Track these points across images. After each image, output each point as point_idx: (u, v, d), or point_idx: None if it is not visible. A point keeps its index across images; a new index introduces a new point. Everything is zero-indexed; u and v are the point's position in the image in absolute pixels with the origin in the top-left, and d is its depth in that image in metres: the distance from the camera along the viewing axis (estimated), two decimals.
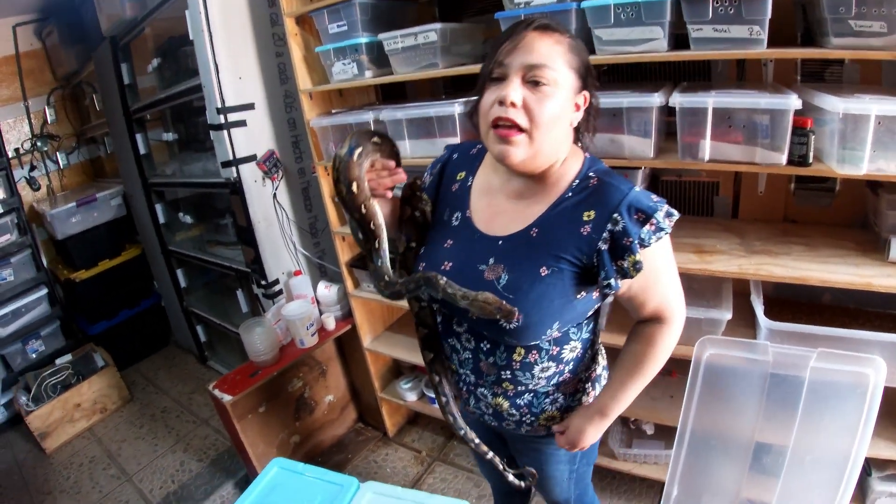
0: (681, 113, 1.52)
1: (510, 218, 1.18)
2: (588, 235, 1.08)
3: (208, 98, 2.38)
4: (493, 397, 1.28)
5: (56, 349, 3.79)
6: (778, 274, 1.56)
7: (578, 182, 1.14)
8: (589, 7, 1.56)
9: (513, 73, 1.04)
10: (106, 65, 3.36)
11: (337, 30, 2.07)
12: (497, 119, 1.05)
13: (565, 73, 1.06)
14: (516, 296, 1.10)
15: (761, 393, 1.59)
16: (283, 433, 2.67)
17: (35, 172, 4.22)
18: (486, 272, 1.15)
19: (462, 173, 1.32)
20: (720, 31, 1.44)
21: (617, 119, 1.63)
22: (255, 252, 2.56)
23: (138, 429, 3.40)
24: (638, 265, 1.06)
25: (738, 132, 1.49)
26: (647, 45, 1.54)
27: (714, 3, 1.41)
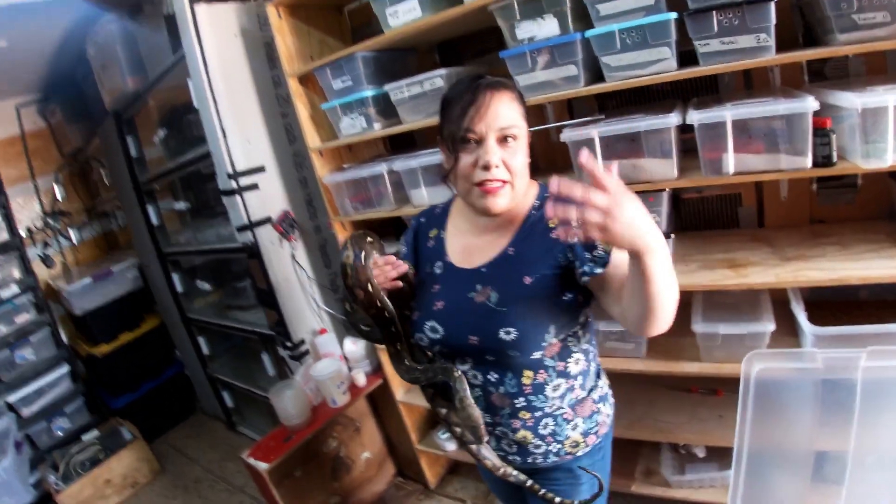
0: (700, 129, 1.51)
1: (485, 250, 1.27)
2: (557, 238, 1.16)
3: (218, 164, 2.37)
4: (514, 433, 1.30)
5: (81, 425, 3.74)
6: (817, 278, 1.54)
7: (539, 202, 1.26)
8: (594, 36, 1.56)
9: (488, 139, 1.14)
10: (112, 139, 3.39)
11: (341, 85, 2.07)
12: (484, 181, 1.16)
13: (522, 124, 1.19)
14: (509, 308, 1.18)
15: (815, 400, 1.55)
16: (321, 496, 2.60)
17: (48, 250, 4.24)
18: (476, 297, 1.23)
19: (434, 230, 1.41)
20: (727, 43, 1.44)
21: (636, 144, 1.62)
22: (278, 314, 2.52)
23: (172, 501, 3.33)
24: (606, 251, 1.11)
25: (759, 142, 1.49)
26: (657, 67, 1.54)
27: (718, 16, 1.41)
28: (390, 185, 2.10)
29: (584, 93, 1.66)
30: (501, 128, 1.14)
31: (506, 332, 1.17)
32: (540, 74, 1.68)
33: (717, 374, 1.77)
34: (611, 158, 1.65)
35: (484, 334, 1.20)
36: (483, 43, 2.24)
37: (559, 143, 1.75)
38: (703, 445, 2.10)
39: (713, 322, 1.75)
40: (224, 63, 2.29)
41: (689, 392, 2.14)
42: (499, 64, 2.11)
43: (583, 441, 1.33)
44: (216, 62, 2.26)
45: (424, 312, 1.31)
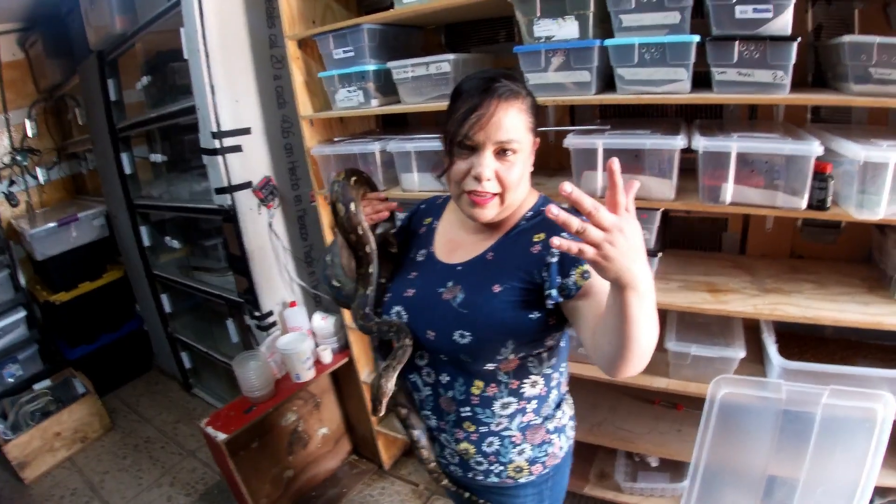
0: (704, 156, 1.51)
1: (469, 248, 1.25)
2: (538, 253, 1.14)
3: (202, 121, 2.28)
4: (457, 443, 1.28)
5: (34, 374, 3.61)
6: (792, 314, 1.58)
7: (532, 213, 1.23)
8: (612, 45, 1.54)
9: (484, 149, 1.09)
10: (92, 79, 3.25)
11: (342, 55, 2.00)
12: (473, 192, 1.12)
13: (526, 138, 1.13)
14: (470, 310, 1.16)
15: (774, 428, 1.62)
16: (275, 468, 2.57)
17: (14, 188, 4.08)
18: (444, 293, 1.21)
19: (429, 219, 1.40)
20: (744, 74, 1.44)
21: (638, 160, 1.61)
22: (249, 282, 2.46)
23: (121, 460, 3.25)
24: (585, 275, 1.08)
25: (759, 176, 1.50)
26: (671, 87, 1.53)
27: (740, 46, 1.41)
28: (381, 166, 2.04)
29: (595, 101, 1.65)
30: (500, 141, 1.09)
31: (461, 334, 1.15)
32: (552, 76, 1.65)
33: (682, 392, 1.81)
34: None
35: (440, 332, 1.19)
36: (492, 31, 2.20)
37: (557, 145, 1.73)
38: (657, 456, 2.14)
39: (686, 342, 1.78)
40: (221, 15, 2.18)
41: (652, 404, 2.19)
42: (506, 55, 2.09)
43: (527, 468, 1.31)
44: (213, 13, 2.15)
45: (395, 296, 1.29)
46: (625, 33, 1.54)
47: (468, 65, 1.91)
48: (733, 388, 1.63)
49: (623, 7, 1.51)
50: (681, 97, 1.52)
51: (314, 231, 2.64)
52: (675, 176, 1.59)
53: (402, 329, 1.22)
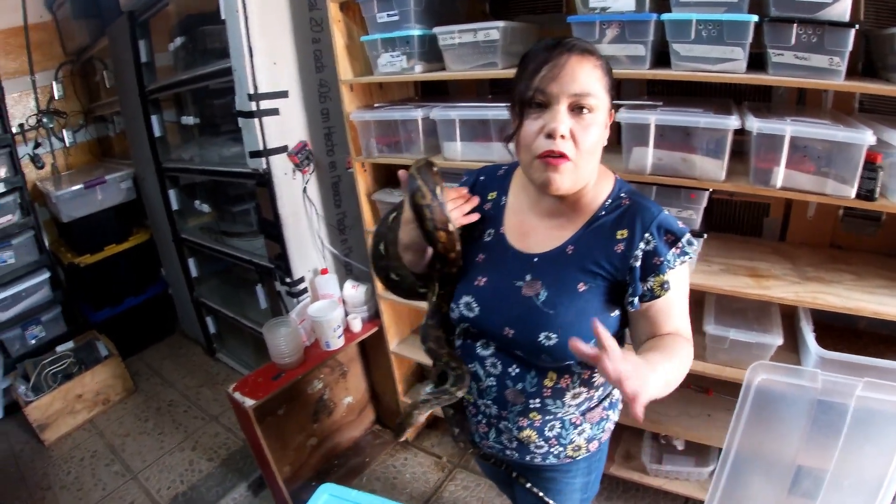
0: (757, 138, 1.48)
1: (544, 236, 1.18)
2: (622, 253, 1.09)
3: (239, 83, 2.24)
4: (520, 430, 1.24)
5: (57, 336, 3.66)
6: (833, 303, 1.57)
7: (611, 202, 1.15)
8: (669, 20, 1.51)
9: (558, 103, 1.02)
10: (122, 41, 3.22)
11: (387, 19, 1.96)
12: (546, 152, 1.04)
13: (603, 97, 1.05)
14: (556, 311, 1.11)
15: (807, 418, 1.59)
16: (300, 435, 2.58)
17: (39, 150, 4.08)
18: (524, 288, 1.15)
19: (493, 193, 1.29)
20: (801, 58, 1.42)
21: (690, 138, 1.58)
22: (281, 248, 2.44)
23: (143, 423, 3.28)
24: (665, 285, 1.07)
25: (810, 162, 1.48)
26: (726, 66, 1.50)
27: (798, 29, 1.38)
28: (423, 133, 2.01)
29: (649, 76, 1.61)
30: (576, 94, 1.00)
31: (547, 336, 1.10)
32: (605, 48, 1.61)
33: (717, 376, 1.80)
34: (662, 147, 1.61)
35: (522, 331, 1.13)
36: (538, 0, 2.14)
37: None
38: (683, 439, 2.13)
39: (724, 326, 1.77)
40: None
41: (685, 387, 2.14)
42: (552, 26, 2.05)
43: (585, 446, 1.30)
44: None
45: (463, 284, 1.22)
46: (682, 9, 1.51)
47: (516, 33, 1.87)
48: (770, 374, 1.60)
49: None
50: (736, 76, 1.49)
51: (348, 198, 2.62)
52: (727, 156, 1.56)
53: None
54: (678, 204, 1.71)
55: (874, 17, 1.68)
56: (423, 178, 1.12)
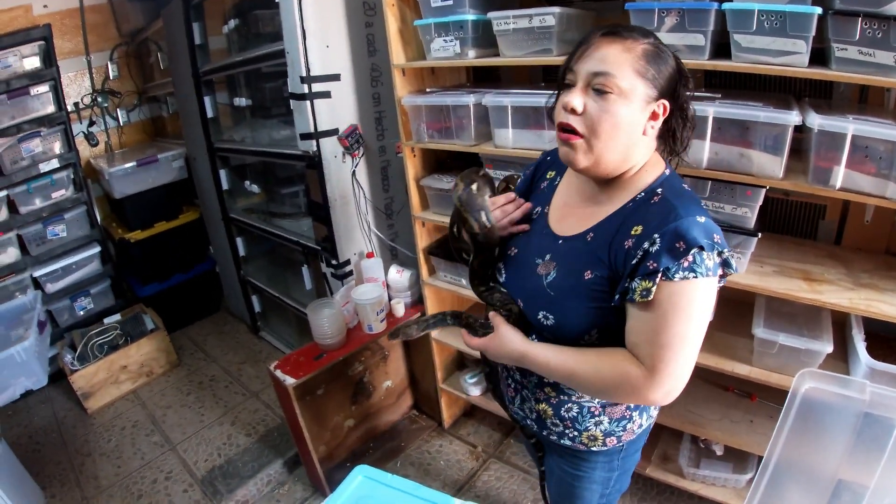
0: (818, 135, 1.42)
1: (577, 219, 1.20)
2: (628, 249, 1.05)
3: (292, 65, 2.27)
4: (537, 402, 1.29)
5: (105, 308, 3.78)
6: (887, 312, 1.50)
7: (644, 195, 1.11)
8: (730, 10, 1.46)
9: (579, 80, 1.05)
10: (176, 23, 3.28)
11: (441, 3, 1.95)
12: (560, 124, 1.08)
13: (632, 80, 1.02)
14: (557, 293, 1.14)
15: (852, 430, 1.54)
16: (338, 416, 2.61)
17: (94, 128, 4.19)
18: (539, 267, 1.19)
19: (552, 172, 1.36)
20: (865, 54, 1.35)
21: (748, 132, 1.53)
22: (329, 230, 2.47)
23: (185, 396, 3.36)
24: (645, 293, 1.00)
25: (871, 163, 1.41)
26: (788, 59, 1.44)
27: (863, 23, 1.32)
28: (474, 119, 2.00)
29: (709, 66, 1.56)
30: (595, 72, 1.01)
31: (545, 315, 1.16)
32: (664, 36, 1.54)
33: (764, 381, 1.74)
34: (719, 141, 1.57)
35: (527, 307, 1.20)
36: None
37: None
38: (723, 444, 2.08)
39: (774, 330, 1.72)
40: None
41: (726, 390, 2.13)
42: (610, 13, 2.02)
43: (601, 438, 1.28)
44: None
45: (502, 250, 1.33)
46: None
47: (572, 19, 1.85)
48: (818, 382, 1.54)
49: None
50: (798, 70, 1.44)
51: (396, 183, 2.64)
52: (786, 154, 1.50)
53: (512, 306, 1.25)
54: (734, 200, 1.67)
55: None
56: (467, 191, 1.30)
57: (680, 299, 1.00)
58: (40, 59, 3.34)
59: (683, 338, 1.02)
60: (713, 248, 1.00)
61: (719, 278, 1.04)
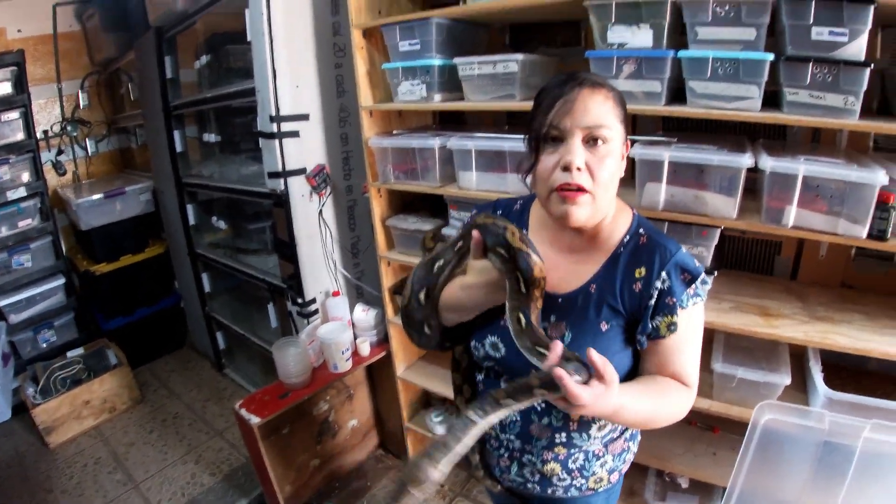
0: (770, 176, 1.48)
1: (566, 273, 1.16)
2: (639, 292, 1.09)
3: (262, 104, 2.28)
4: (544, 464, 1.23)
5: (68, 341, 3.70)
6: (842, 344, 1.54)
7: (629, 238, 1.14)
8: (686, 57, 1.51)
9: (572, 136, 1.03)
10: (148, 56, 3.28)
11: (408, 48, 1.99)
12: (563, 185, 1.03)
13: (617, 128, 1.06)
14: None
15: (813, 459, 1.57)
16: (303, 455, 2.57)
17: (62, 157, 4.16)
18: (549, 329, 1.14)
19: None
20: (816, 97, 1.41)
21: (703, 175, 1.58)
22: (295, 268, 2.46)
23: (148, 433, 3.28)
24: (672, 326, 1.08)
25: (822, 201, 1.46)
26: (741, 104, 1.50)
27: (814, 68, 1.38)
28: (439, 161, 2.03)
29: (664, 112, 1.61)
30: (589, 126, 1.01)
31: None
32: (622, 83, 1.61)
33: (724, 415, 1.77)
34: (675, 184, 1.61)
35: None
36: (559, 34, 2.17)
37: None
38: (687, 477, 2.10)
39: (733, 364, 1.75)
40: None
41: (689, 424, 2.14)
42: (571, 59, 2.08)
43: (607, 478, 1.29)
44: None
45: (490, 324, 1.18)
46: (699, 46, 1.52)
47: (535, 66, 1.89)
48: (777, 414, 1.57)
49: (700, 19, 1.49)
50: (751, 115, 1.49)
51: (363, 222, 2.64)
52: (740, 194, 1.55)
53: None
54: (689, 241, 1.71)
55: (890, 56, 1.69)
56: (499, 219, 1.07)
57: (693, 321, 1.12)
58: (12, 84, 3.33)
59: (697, 349, 1.16)
60: (701, 270, 1.10)
61: None
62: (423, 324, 1.20)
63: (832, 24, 1.35)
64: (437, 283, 1.16)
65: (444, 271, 1.15)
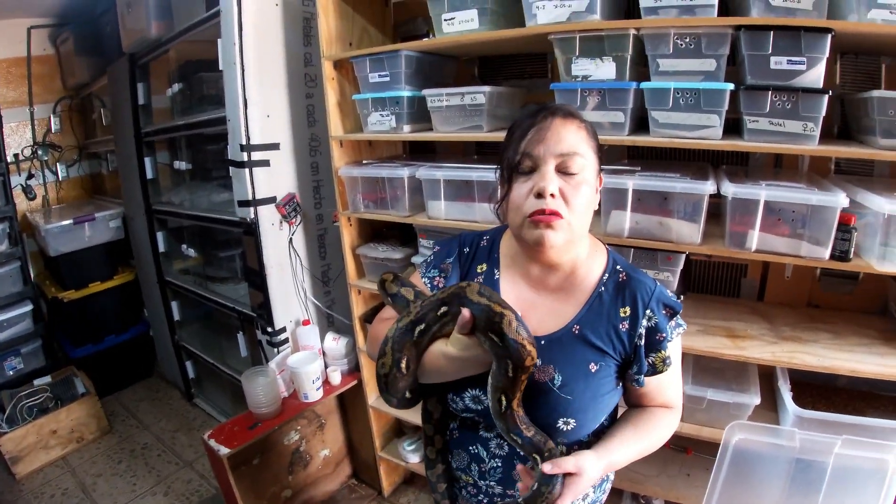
0: (732, 202, 1.51)
1: (546, 314, 1.14)
2: (627, 331, 1.10)
3: (232, 133, 2.28)
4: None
5: (35, 369, 3.60)
6: (809, 363, 1.57)
7: (608, 277, 1.14)
8: (648, 88, 1.55)
9: (545, 164, 1.02)
10: (121, 82, 3.28)
11: (378, 79, 2.01)
12: (537, 211, 1.02)
13: (591, 157, 1.06)
14: (574, 396, 1.08)
15: (785, 477, 1.60)
16: (274, 487, 2.53)
17: (32, 181, 4.11)
18: (536, 374, 1.10)
19: (482, 265, 1.23)
20: (776, 124, 1.45)
21: (667, 202, 1.61)
22: (264, 297, 2.44)
23: (116, 464, 3.21)
24: (668, 360, 1.11)
25: (785, 225, 1.50)
26: (703, 132, 1.54)
27: (773, 96, 1.42)
28: (408, 191, 2.04)
29: (628, 142, 1.64)
30: (562, 153, 1.01)
31: (565, 422, 1.08)
32: (587, 114, 1.64)
33: (695, 436, 1.79)
34: (639, 211, 1.64)
35: (538, 418, 1.07)
36: (526, 66, 2.22)
37: None
38: (663, 499, 2.10)
39: (702, 386, 1.77)
40: (258, 30, 2.19)
41: (662, 447, 2.13)
42: (538, 91, 2.11)
43: None
44: (251, 27, 2.16)
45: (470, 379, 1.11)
46: (661, 77, 1.56)
47: (502, 97, 1.93)
48: (748, 434, 1.61)
49: (661, 52, 1.53)
50: (713, 143, 1.53)
51: (333, 251, 2.64)
52: (703, 220, 1.58)
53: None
54: (655, 266, 1.74)
55: (850, 82, 1.75)
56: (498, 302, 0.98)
57: (677, 350, 1.16)
58: None
59: (679, 375, 1.21)
60: (680, 303, 1.14)
61: None
62: (405, 391, 1.13)
63: (790, 54, 1.39)
64: (419, 351, 1.08)
65: (425, 337, 1.07)
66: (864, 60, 1.74)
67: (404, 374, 1.08)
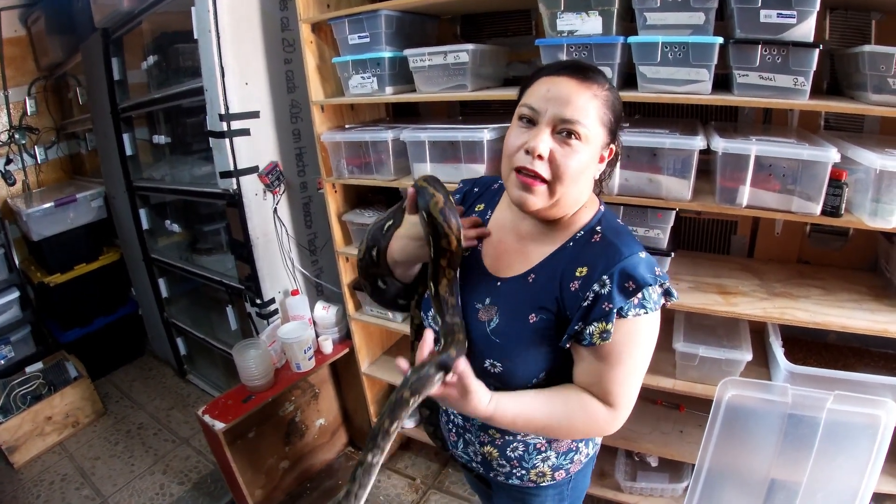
0: (723, 157, 1.50)
1: (514, 259, 1.15)
2: (574, 292, 1.04)
3: (210, 103, 2.24)
4: (481, 445, 1.25)
5: (26, 356, 3.56)
6: (801, 318, 1.58)
7: (582, 234, 1.10)
8: (636, 43, 1.53)
9: (543, 123, 1.00)
10: (95, 58, 3.19)
11: (358, 41, 1.97)
12: (521, 167, 1.01)
13: (596, 129, 1.01)
14: (503, 340, 1.09)
15: (778, 432, 1.63)
16: (271, 458, 2.54)
17: (11, 166, 4.02)
18: (481, 312, 1.13)
19: (481, 205, 1.28)
20: (766, 78, 1.44)
21: (656, 158, 1.60)
22: (252, 269, 2.42)
23: (113, 446, 3.20)
24: (605, 335, 1.00)
25: (775, 180, 1.49)
26: (692, 87, 1.52)
27: (763, 50, 1.41)
28: (393, 154, 2.01)
29: None
30: (564, 118, 0.98)
31: (492, 364, 1.09)
32: None
33: (688, 393, 1.80)
34: (629, 168, 1.63)
35: (470, 355, 1.07)
36: (508, 23, 2.18)
37: None
38: (658, 456, 2.14)
39: (694, 343, 1.78)
40: None
41: (654, 404, 2.18)
42: (522, 48, 2.08)
43: (550, 474, 1.26)
44: None
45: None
46: (649, 31, 1.53)
47: (486, 55, 1.89)
48: (740, 390, 1.63)
49: (648, 5, 1.50)
50: (702, 98, 1.51)
51: (319, 219, 2.61)
52: (693, 176, 1.57)
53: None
54: (645, 223, 1.73)
55: (839, 37, 1.73)
56: (435, 187, 1.08)
57: (633, 336, 1.03)
58: None
59: (635, 370, 1.06)
60: (656, 281, 1.01)
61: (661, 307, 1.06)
62: (376, 278, 1.26)
63: (780, 7, 1.37)
64: (385, 242, 1.20)
65: (391, 230, 1.20)
66: (853, 16, 1.71)
67: (374, 263, 1.23)
